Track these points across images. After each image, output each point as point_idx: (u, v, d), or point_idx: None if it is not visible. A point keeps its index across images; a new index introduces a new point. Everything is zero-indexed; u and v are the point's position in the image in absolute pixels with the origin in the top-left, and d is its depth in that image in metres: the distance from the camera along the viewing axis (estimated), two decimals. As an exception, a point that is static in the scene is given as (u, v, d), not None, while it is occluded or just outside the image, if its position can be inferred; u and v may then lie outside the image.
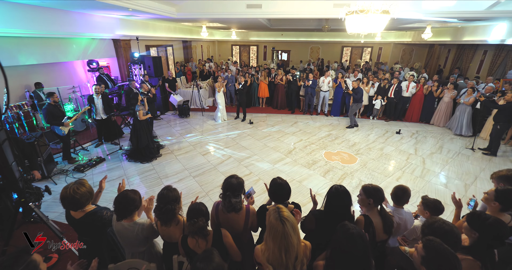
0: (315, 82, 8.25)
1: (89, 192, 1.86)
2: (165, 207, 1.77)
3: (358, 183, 4.59)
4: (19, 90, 5.94)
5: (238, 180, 1.97)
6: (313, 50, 17.01)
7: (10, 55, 5.10)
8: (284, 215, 1.47)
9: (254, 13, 6.70)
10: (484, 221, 1.66)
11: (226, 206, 1.92)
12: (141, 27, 8.43)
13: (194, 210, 1.70)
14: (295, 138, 6.71)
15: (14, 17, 4.53)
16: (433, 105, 7.95)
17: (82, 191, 1.80)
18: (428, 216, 2.15)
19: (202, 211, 1.71)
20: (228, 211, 1.93)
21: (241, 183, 1.98)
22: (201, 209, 1.72)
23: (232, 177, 2.00)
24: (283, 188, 2.00)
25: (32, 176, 2.74)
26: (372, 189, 2.02)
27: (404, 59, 15.40)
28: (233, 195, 1.91)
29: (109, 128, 6.02)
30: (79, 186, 1.81)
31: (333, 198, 1.91)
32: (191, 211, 1.71)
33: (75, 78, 7.72)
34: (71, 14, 5.60)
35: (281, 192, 2.00)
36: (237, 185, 1.93)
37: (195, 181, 4.62)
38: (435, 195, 4.26)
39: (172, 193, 1.85)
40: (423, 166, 5.26)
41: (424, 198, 2.21)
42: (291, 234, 1.44)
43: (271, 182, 2.08)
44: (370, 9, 3.62)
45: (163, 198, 1.81)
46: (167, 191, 1.85)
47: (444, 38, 10.82)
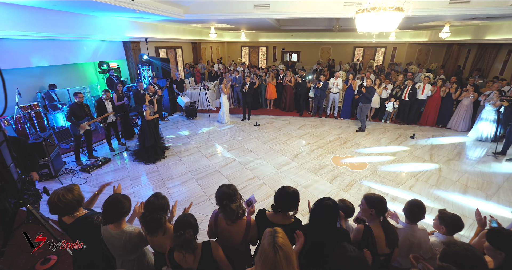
0: (326, 84, 8.01)
1: (76, 200, 1.79)
2: (150, 216, 1.67)
3: (367, 190, 4.35)
4: (32, 91, 6.11)
5: (229, 188, 1.85)
6: (323, 51, 16.68)
7: (23, 57, 5.25)
8: (278, 242, 1.29)
9: (261, 13, 6.59)
10: (508, 238, 1.44)
11: (229, 216, 1.77)
12: (151, 29, 8.51)
13: (181, 221, 1.59)
14: (302, 141, 6.52)
15: (27, 20, 4.64)
16: (451, 108, 7.52)
17: (67, 199, 1.73)
18: (444, 231, 1.95)
19: (190, 223, 1.60)
20: (234, 221, 1.79)
21: (234, 189, 1.86)
22: (189, 220, 1.60)
23: (222, 186, 1.88)
24: (287, 200, 1.84)
25: (30, 178, 2.74)
26: (374, 199, 1.84)
27: (420, 59, 14.78)
28: (230, 201, 1.78)
29: (125, 127, 6.17)
30: (65, 193, 1.75)
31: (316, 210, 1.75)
32: (178, 223, 1.60)
33: (86, 79, 7.89)
34: (82, 16, 5.70)
35: (283, 204, 1.85)
36: (231, 192, 1.81)
37: (198, 184, 4.54)
38: (452, 206, 3.96)
39: (160, 201, 1.75)
40: (439, 174, 4.94)
41: (441, 212, 1.99)
42: (282, 265, 1.24)
43: (279, 189, 1.91)
44: (382, 7, 3.41)
45: (149, 206, 1.72)
46: (154, 199, 1.75)
47: (464, 37, 10.27)
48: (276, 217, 1.88)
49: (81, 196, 1.84)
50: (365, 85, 7.15)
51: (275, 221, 1.87)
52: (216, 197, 1.84)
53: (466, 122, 7.17)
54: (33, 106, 5.35)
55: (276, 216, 1.88)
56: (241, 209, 1.81)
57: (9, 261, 2.83)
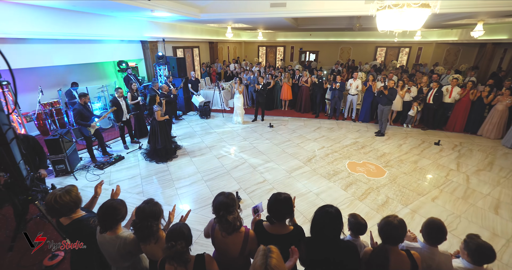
0: (343, 85, 7.68)
1: (73, 202, 1.75)
2: (140, 224, 1.59)
3: (384, 200, 4.06)
4: (55, 89, 6.39)
5: (228, 197, 1.71)
6: (343, 51, 16.14)
7: (46, 56, 5.49)
8: (271, 264, 1.16)
9: (278, 12, 6.42)
10: None
11: (225, 228, 1.66)
12: (168, 29, 8.63)
13: (173, 232, 1.49)
14: (317, 145, 6.27)
15: (49, 20, 4.83)
16: (483, 114, 6.90)
17: (64, 201, 1.70)
18: (468, 258, 1.69)
19: (183, 234, 1.49)
20: (230, 234, 1.67)
21: (233, 199, 1.73)
22: (181, 231, 1.50)
23: (220, 195, 1.75)
24: (280, 207, 1.70)
25: (39, 175, 2.80)
26: (386, 226, 1.59)
27: (448, 60, 13.84)
28: (227, 212, 1.66)
29: (140, 126, 6.28)
30: (63, 195, 1.71)
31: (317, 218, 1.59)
32: (170, 233, 1.50)
33: (106, 77, 8.15)
34: (102, 17, 5.86)
35: (277, 212, 1.71)
36: (229, 202, 1.68)
37: (207, 185, 4.47)
38: (481, 222, 3.57)
39: (152, 208, 1.66)
40: (466, 185, 4.51)
41: (470, 237, 1.72)
42: None
43: (270, 197, 1.78)
44: (406, 3, 3.13)
45: (140, 213, 1.64)
46: (145, 206, 1.67)
47: (499, 36, 9.43)
48: (274, 228, 1.75)
49: (78, 197, 1.80)
50: (386, 84, 6.75)
51: (274, 231, 1.74)
52: (213, 205, 1.72)
53: (500, 129, 6.54)
54: (54, 103, 5.57)
55: (273, 226, 1.75)
56: (239, 221, 1.68)
57: (20, 254, 2.91)
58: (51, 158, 4.38)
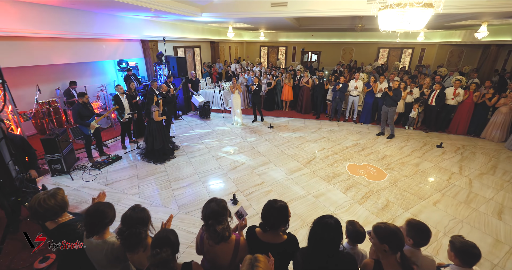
0: (346, 86, 7.58)
1: (58, 205, 1.67)
2: (128, 231, 1.51)
3: (385, 204, 3.97)
4: (53, 88, 6.35)
5: (219, 204, 1.63)
6: (345, 51, 16.03)
7: (44, 55, 5.45)
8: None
9: (279, 12, 6.35)
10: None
11: (212, 238, 1.59)
12: (169, 29, 8.58)
13: (159, 238, 1.42)
14: (317, 146, 6.19)
15: (48, 19, 4.78)
16: (486, 116, 6.79)
17: (48, 205, 1.62)
18: (456, 261, 1.63)
19: (169, 241, 1.42)
20: (217, 243, 1.60)
21: (224, 206, 1.65)
22: (168, 237, 1.43)
23: (211, 201, 1.66)
24: (275, 216, 1.62)
25: (29, 175, 2.74)
26: (385, 231, 1.52)
27: (452, 61, 13.68)
28: (217, 222, 1.58)
29: (138, 125, 6.25)
30: (48, 198, 1.64)
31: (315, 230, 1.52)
32: (155, 240, 1.43)
33: (106, 76, 8.11)
34: (101, 15, 5.81)
35: (271, 221, 1.64)
36: (219, 210, 1.60)
37: (204, 187, 4.41)
38: (484, 228, 3.48)
39: (139, 214, 1.59)
40: (469, 189, 4.41)
41: (454, 237, 1.68)
42: None
43: (265, 204, 1.71)
44: (409, 2, 3.04)
45: (126, 220, 1.56)
46: (132, 212, 1.59)
47: (503, 37, 9.29)
48: (267, 236, 1.67)
49: (64, 201, 1.73)
50: (390, 84, 6.65)
51: (266, 240, 1.67)
52: (202, 212, 1.64)
53: (504, 131, 6.43)
54: (52, 102, 5.53)
55: (266, 234, 1.67)
56: (228, 231, 1.60)
57: (11, 256, 2.86)
58: (47, 158, 4.34)
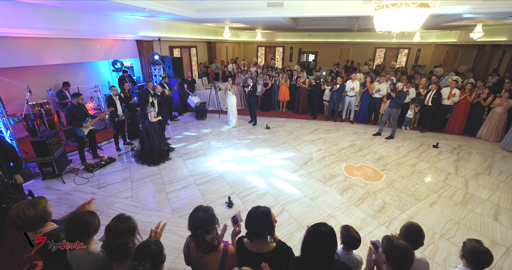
0: (343, 86, 7.56)
1: (39, 216, 1.58)
2: (114, 242, 1.44)
3: (381, 205, 3.94)
4: (46, 89, 6.23)
5: (207, 213, 1.56)
6: (342, 51, 16.03)
7: (35, 55, 5.33)
8: None
9: (275, 12, 6.30)
10: None
11: (201, 248, 1.53)
12: (165, 28, 8.47)
13: (141, 249, 1.35)
14: (314, 147, 6.15)
15: (38, 18, 4.67)
16: (481, 116, 6.81)
17: (28, 216, 1.53)
18: (462, 259, 1.61)
19: (149, 252, 1.34)
20: (206, 253, 1.55)
21: (212, 214, 1.58)
22: (150, 249, 1.35)
23: (198, 210, 1.59)
24: (257, 223, 1.57)
25: (14, 181, 2.65)
26: (389, 246, 1.44)
27: (447, 61, 13.75)
28: (206, 231, 1.52)
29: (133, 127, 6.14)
30: (27, 208, 1.54)
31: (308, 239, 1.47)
32: (136, 251, 1.36)
33: (100, 77, 7.99)
34: (94, 15, 5.70)
35: (254, 229, 1.58)
36: (208, 219, 1.54)
37: (199, 189, 4.34)
38: (480, 229, 3.46)
39: (125, 224, 1.51)
40: (465, 190, 4.40)
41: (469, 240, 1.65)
42: None
43: (248, 212, 1.64)
44: (405, 2, 3.01)
45: (110, 230, 1.49)
46: (116, 223, 1.51)
47: (498, 37, 9.34)
48: (254, 245, 1.61)
49: (46, 211, 1.63)
50: (397, 83, 6.63)
51: (254, 249, 1.61)
52: (190, 222, 1.56)
53: (499, 132, 6.45)
54: (44, 104, 5.42)
55: (253, 244, 1.61)
56: (217, 239, 1.55)
57: (-1, 263, 2.78)
58: (37, 161, 4.24)
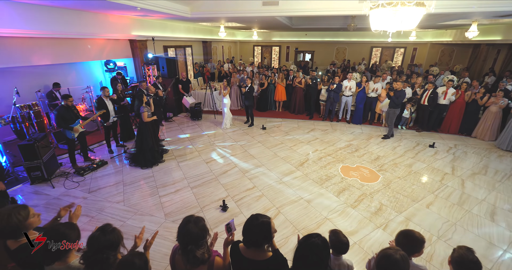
0: (340, 86, 7.50)
1: (11, 230, 1.49)
2: (94, 257, 1.36)
3: (378, 207, 3.89)
4: (34, 90, 6.07)
5: (198, 225, 1.48)
6: (339, 51, 16.01)
7: (23, 55, 5.18)
8: None
9: (270, 11, 6.22)
10: None
11: (191, 263, 1.45)
12: (158, 28, 8.35)
13: (124, 264, 1.27)
14: (310, 148, 6.10)
15: (26, 17, 4.53)
16: (477, 115, 6.82)
17: (9, 223, 1.45)
18: (450, 266, 1.56)
19: (134, 267, 1.26)
20: (196, 267, 1.48)
21: (203, 226, 1.50)
22: (133, 263, 1.27)
23: (188, 222, 1.49)
24: (255, 232, 1.51)
25: None
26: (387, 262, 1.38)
27: (443, 60, 13.81)
28: (196, 246, 1.44)
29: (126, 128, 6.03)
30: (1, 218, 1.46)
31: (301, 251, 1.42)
32: (120, 265, 1.29)
33: (93, 78, 7.84)
34: (85, 14, 5.57)
35: (252, 237, 1.52)
36: (199, 233, 1.45)
37: (193, 193, 4.25)
38: (477, 230, 3.43)
39: (108, 236, 1.43)
40: (462, 190, 4.38)
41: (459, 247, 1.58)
42: None
43: (248, 218, 1.59)
44: (400, 1, 2.96)
45: (93, 242, 1.41)
46: (100, 234, 1.43)
47: (493, 37, 9.37)
48: (250, 252, 1.55)
49: (21, 224, 1.52)
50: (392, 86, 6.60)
51: (249, 256, 1.55)
52: (179, 235, 1.48)
53: (494, 131, 6.46)
54: (32, 106, 5.28)
55: (249, 250, 1.56)
56: (207, 253, 1.47)
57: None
58: (25, 165, 4.11)
